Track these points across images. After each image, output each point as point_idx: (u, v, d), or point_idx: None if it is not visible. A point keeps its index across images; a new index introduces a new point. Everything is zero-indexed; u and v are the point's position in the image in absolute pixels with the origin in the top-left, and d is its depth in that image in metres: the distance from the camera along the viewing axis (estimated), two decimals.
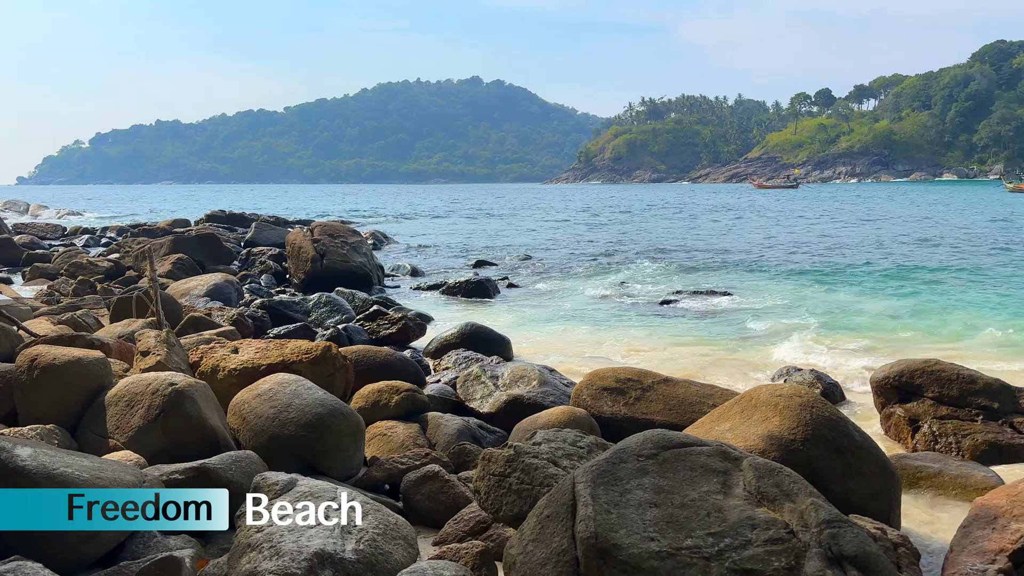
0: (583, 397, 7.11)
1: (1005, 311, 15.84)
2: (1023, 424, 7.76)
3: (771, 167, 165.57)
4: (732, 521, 2.71)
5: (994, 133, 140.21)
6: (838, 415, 5.49)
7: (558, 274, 22.50)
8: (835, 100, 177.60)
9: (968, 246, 29.61)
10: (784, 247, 30.12)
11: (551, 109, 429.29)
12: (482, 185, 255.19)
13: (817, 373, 9.96)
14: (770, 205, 68.26)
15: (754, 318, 15.31)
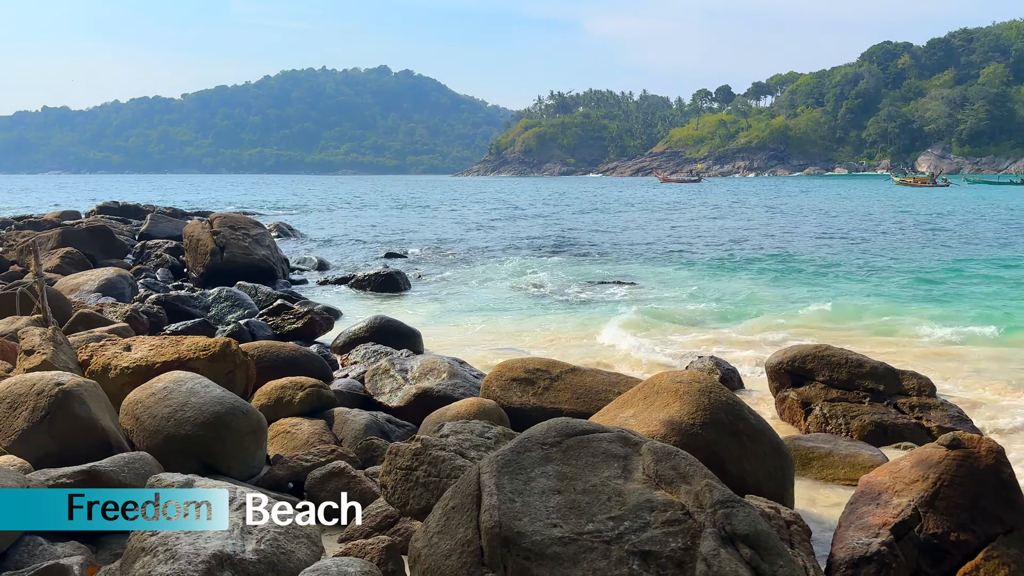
0: (492, 388, 7.14)
1: (890, 298, 16.81)
2: (906, 405, 8.25)
3: (675, 161, 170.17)
4: (632, 504, 2.78)
5: (881, 130, 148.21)
6: (734, 400, 5.70)
7: (470, 266, 22.49)
8: (735, 97, 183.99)
9: (862, 237, 31.24)
10: (689, 239, 31.02)
11: (461, 101, 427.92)
12: (392, 176, 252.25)
13: (716, 360, 10.31)
14: (675, 198, 70.18)
15: (659, 307, 15.72)
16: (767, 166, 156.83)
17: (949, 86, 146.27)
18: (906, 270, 21.12)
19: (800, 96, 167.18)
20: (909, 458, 4.91)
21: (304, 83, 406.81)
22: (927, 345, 12.28)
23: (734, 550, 2.64)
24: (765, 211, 48.94)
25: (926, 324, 13.63)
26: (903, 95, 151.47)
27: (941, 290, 17.91)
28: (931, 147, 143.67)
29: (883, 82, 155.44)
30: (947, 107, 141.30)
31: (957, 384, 10.10)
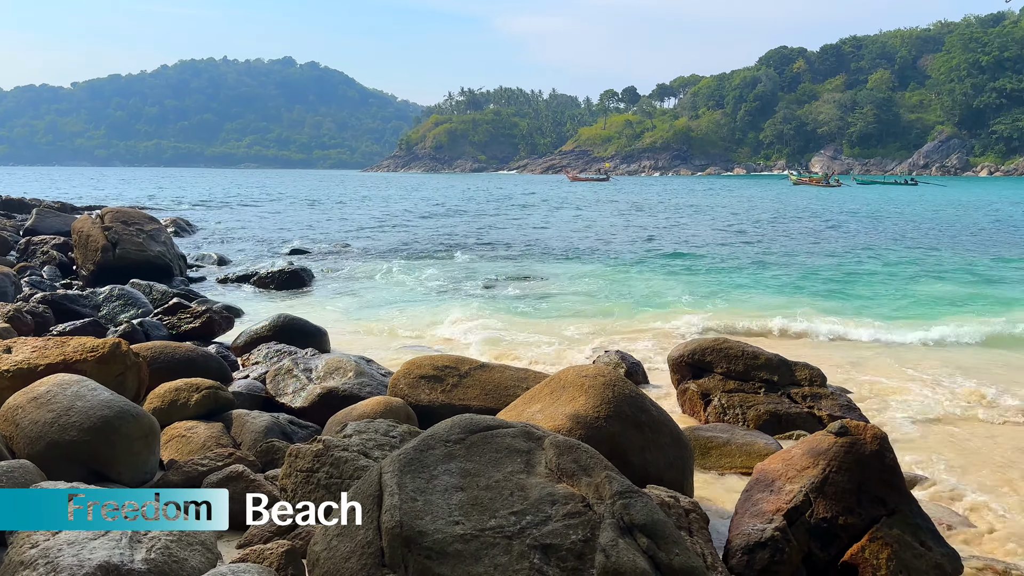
0: (400, 386, 7.05)
1: (789, 292, 17.56)
2: (798, 395, 8.63)
3: (584, 160, 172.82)
4: (534, 499, 2.79)
5: (778, 131, 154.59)
6: (637, 393, 5.82)
7: (379, 263, 22.18)
8: (640, 98, 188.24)
9: (764, 234, 32.51)
10: (598, 236, 31.54)
11: (370, 95, 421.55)
12: (298, 171, 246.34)
13: (622, 354, 10.52)
14: (585, 196, 71.22)
15: (569, 302, 15.93)
16: (671, 166, 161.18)
17: (840, 90, 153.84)
18: (804, 265, 22.11)
19: (702, 98, 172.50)
20: (800, 446, 5.13)
21: (204, 73, 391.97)
22: (819, 337, 12.89)
23: (632, 540, 2.69)
24: (674, 209, 50.25)
25: (819, 317, 14.31)
26: (798, 98, 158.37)
27: (836, 286, 18.82)
28: (824, 148, 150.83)
29: (779, 85, 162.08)
30: (838, 110, 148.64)
31: (846, 374, 10.65)
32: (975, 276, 20.15)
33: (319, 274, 18.92)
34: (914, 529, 4.75)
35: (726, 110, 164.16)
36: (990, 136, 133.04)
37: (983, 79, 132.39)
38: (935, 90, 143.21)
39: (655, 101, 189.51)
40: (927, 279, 19.62)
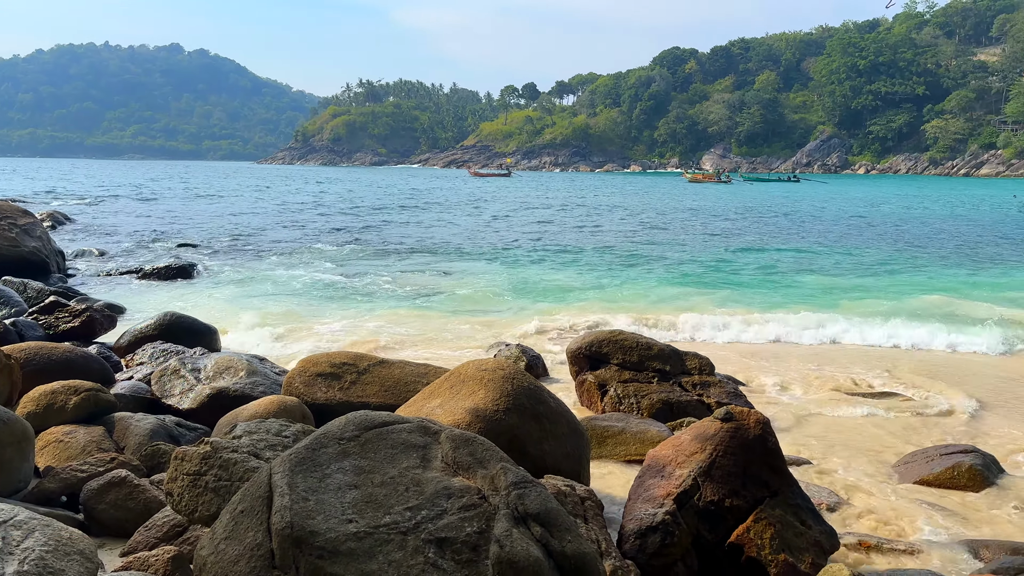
0: (296, 385, 6.89)
1: (686, 285, 18.17)
2: (689, 383, 8.96)
3: (485, 155, 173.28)
4: (429, 493, 2.79)
5: (671, 130, 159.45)
6: (536, 385, 5.89)
7: (273, 258, 21.57)
8: (540, 94, 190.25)
9: (664, 227, 33.47)
10: (501, 232, 31.69)
11: (263, 84, 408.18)
12: (187, 162, 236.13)
13: (522, 347, 10.64)
14: (487, 192, 71.38)
15: (471, 298, 15.96)
16: (570, 162, 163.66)
17: (729, 91, 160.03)
18: (698, 260, 22.91)
19: (599, 96, 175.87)
20: (689, 432, 5.33)
21: (84, 59, 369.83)
22: (709, 328, 13.39)
23: (526, 529, 2.73)
24: (577, 206, 50.98)
25: (711, 308, 14.88)
26: (690, 98, 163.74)
27: (728, 278, 19.58)
28: (714, 147, 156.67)
29: (673, 85, 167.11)
30: (727, 110, 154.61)
31: (735, 363, 11.13)
32: (856, 269, 21.40)
33: (209, 269, 18.23)
34: (795, 509, 5.01)
35: (622, 108, 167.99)
36: (867, 136, 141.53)
37: (860, 82, 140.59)
38: (817, 92, 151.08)
39: (554, 98, 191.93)
40: (811, 273, 20.70)
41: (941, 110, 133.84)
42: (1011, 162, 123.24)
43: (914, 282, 18.97)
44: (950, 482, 6.61)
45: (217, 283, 16.98)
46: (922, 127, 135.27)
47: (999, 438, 8.13)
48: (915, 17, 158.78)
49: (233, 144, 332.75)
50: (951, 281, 19.12)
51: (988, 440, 7.95)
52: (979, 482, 6.60)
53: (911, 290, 17.68)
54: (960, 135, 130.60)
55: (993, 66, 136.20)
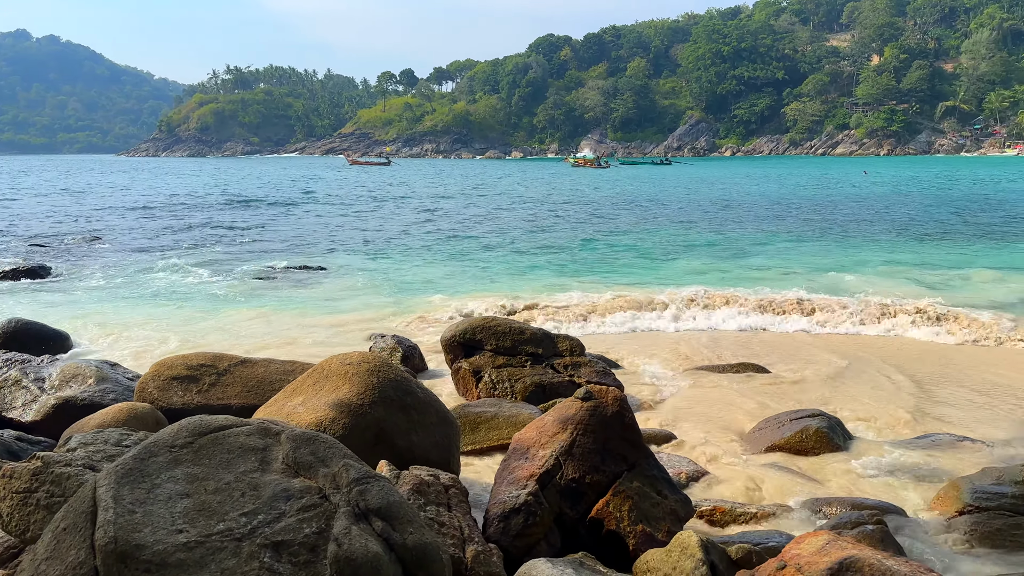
0: (149, 390, 6.56)
1: (560, 270, 18.50)
2: (561, 365, 9.13)
3: (365, 143, 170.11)
4: (267, 496, 2.72)
5: (549, 116, 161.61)
6: (403, 376, 5.85)
7: (134, 257, 20.43)
8: (418, 80, 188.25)
9: (550, 213, 33.89)
10: (379, 223, 31.23)
11: (122, 72, 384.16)
12: (40, 156, 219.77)
13: (398, 338, 10.54)
14: (366, 181, 70.10)
15: (343, 290, 15.67)
16: (452, 149, 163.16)
17: (603, 78, 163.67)
18: (577, 244, 23.37)
19: (478, 83, 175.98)
20: (552, 413, 5.44)
21: None
22: (582, 309, 13.71)
23: (367, 525, 2.71)
24: (462, 197, 50.78)
25: (587, 291, 15.23)
26: (566, 85, 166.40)
27: (602, 263, 20.08)
28: (591, 132, 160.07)
29: (549, 72, 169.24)
30: (602, 97, 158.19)
31: (608, 343, 11.45)
32: (723, 250, 22.42)
33: (62, 271, 17.06)
34: (652, 480, 5.22)
35: (501, 95, 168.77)
36: (732, 120, 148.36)
37: (724, 67, 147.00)
38: (685, 78, 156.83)
39: (433, 84, 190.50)
40: (684, 254, 21.53)
41: (799, 93, 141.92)
42: (863, 141, 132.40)
43: (782, 263, 20.07)
44: (799, 445, 7.05)
45: (72, 285, 15.91)
46: (782, 110, 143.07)
47: (844, 403, 8.75)
48: (773, 4, 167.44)
49: (91, 136, 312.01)
50: (822, 261, 20.35)
51: (834, 405, 8.53)
52: (825, 444, 7.07)
53: (777, 270, 18.71)
54: (817, 117, 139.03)
55: (844, 51, 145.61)
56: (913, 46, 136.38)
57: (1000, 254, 20.55)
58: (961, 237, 24.30)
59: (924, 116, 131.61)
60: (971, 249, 21.59)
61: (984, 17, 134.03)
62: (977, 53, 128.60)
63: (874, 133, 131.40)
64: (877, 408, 8.55)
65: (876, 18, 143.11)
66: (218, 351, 7.55)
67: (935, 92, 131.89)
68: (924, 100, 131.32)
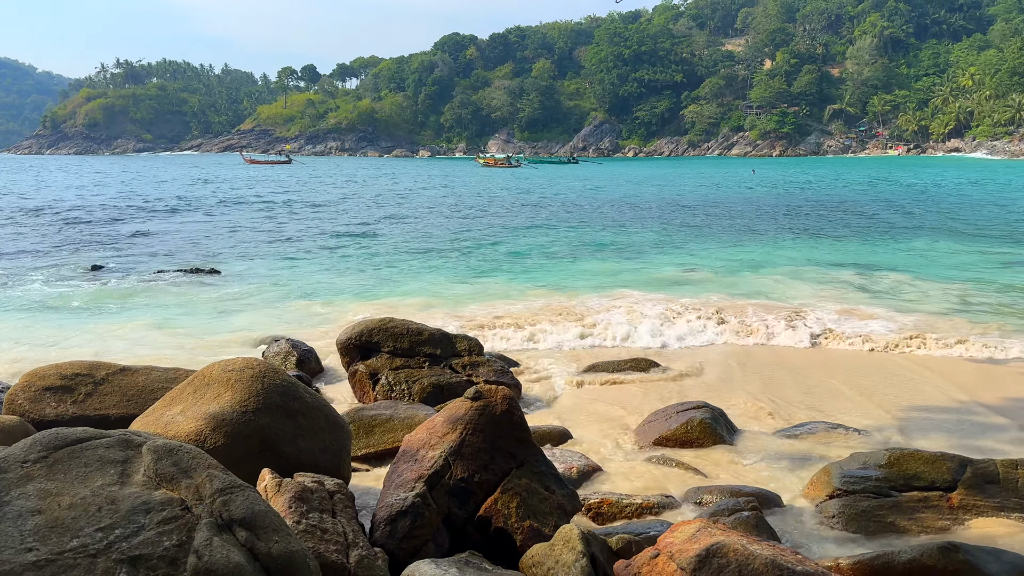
0: (19, 402, 6.22)
1: (459, 273, 18.52)
2: (459, 365, 9.17)
3: (265, 140, 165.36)
4: (125, 510, 2.63)
5: (456, 115, 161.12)
6: (290, 381, 5.74)
7: (7, 261, 19.24)
8: (321, 77, 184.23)
9: (453, 214, 33.76)
10: (276, 226, 30.45)
11: (1, 64, 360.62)
12: None
13: (292, 342, 10.33)
14: (264, 180, 68.14)
15: (237, 294, 15.22)
16: (358, 147, 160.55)
17: (509, 78, 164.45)
18: (480, 245, 23.43)
19: (383, 80, 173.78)
20: (443, 414, 5.46)
21: None
22: (479, 310, 13.80)
23: (230, 535, 2.67)
24: (370, 197, 50.04)
25: (496, 293, 15.32)
26: (472, 84, 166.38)
27: (508, 263, 20.22)
28: (498, 132, 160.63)
29: (455, 71, 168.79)
30: (508, 96, 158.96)
31: (509, 340, 11.55)
32: (622, 250, 22.95)
33: None
34: (540, 476, 5.32)
35: (407, 93, 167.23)
36: (634, 121, 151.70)
37: (626, 70, 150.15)
38: (588, 79, 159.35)
39: (337, 81, 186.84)
40: (591, 257, 21.91)
41: (697, 96, 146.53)
42: (757, 142, 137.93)
43: (679, 259, 20.70)
44: (685, 437, 7.32)
45: None
46: (681, 112, 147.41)
47: (730, 395, 9.14)
48: (672, 9, 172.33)
49: None
50: (718, 259, 21.08)
51: (721, 397, 8.89)
52: (709, 435, 7.37)
53: (670, 264, 19.30)
54: (713, 119, 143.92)
55: (739, 55, 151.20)
56: (803, 51, 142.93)
57: (881, 254, 21.84)
58: (850, 236, 25.69)
59: (813, 118, 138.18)
60: (858, 246, 22.87)
61: (867, 25, 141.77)
62: (861, 59, 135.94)
63: (767, 135, 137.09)
64: (760, 400, 8.96)
65: (768, 24, 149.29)
66: (92, 360, 7.21)
67: (823, 95, 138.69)
68: (813, 103, 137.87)
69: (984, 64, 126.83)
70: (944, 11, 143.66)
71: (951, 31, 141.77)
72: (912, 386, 9.39)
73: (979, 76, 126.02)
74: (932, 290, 15.38)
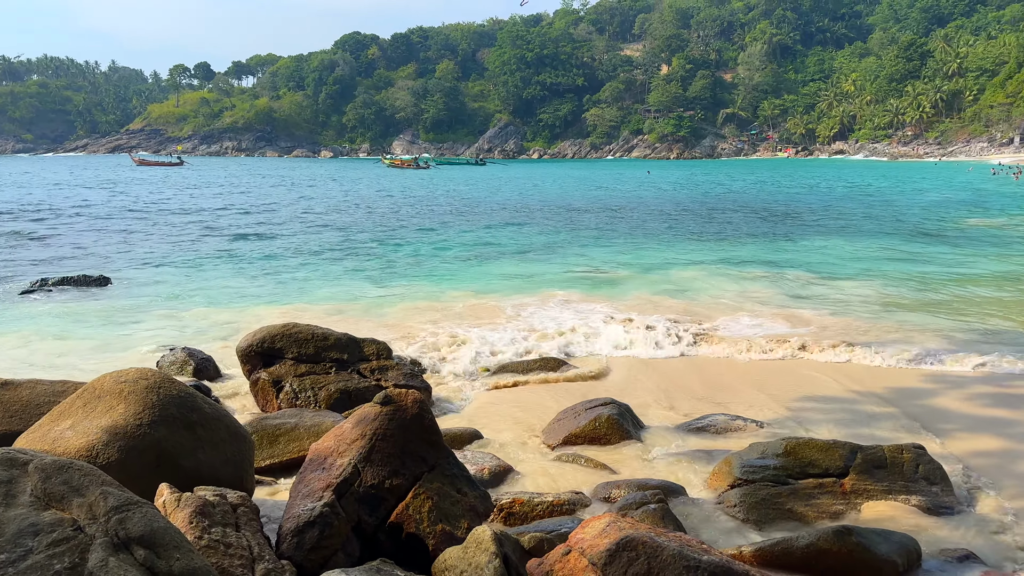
0: None
1: (356, 277, 18.22)
2: (367, 369, 9.01)
3: (156, 140, 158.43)
4: (11, 534, 2.46)
5: (359, 116, 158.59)
6: (187, 392, 5.51)
7: None
8: (215, 75, 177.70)
9: (348, 218, 33.14)
10: (166, 231, 29.20)
11: None
12: None
13: (189, 350, 9.93)
14: (154, 182, 65.27)
15: (128, 303, 14.52)
16: (256, 147, 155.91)
17: (412, 78, 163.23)
18: (390, 247, 23.14)
19: (281, 79, 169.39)
20: (351, 420, 5.35)
21: None
22: (389, 314, 13.65)
23: (127, 554, 2.53)
24: (275, 200, 48.63)
25: (385, 297, 15.14)
26: (375, 84, 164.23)
27: (412, 268, 20.04)
28: (403, 133, 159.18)
29: (357, 70, 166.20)
30: (413, 97, 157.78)
31: (419, 345, 11.44)
32: (531, 251, 23.13)
33: None
34: (452, 479, 5.29)
35: (307, 92, 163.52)
36: (538, 123, 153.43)
37: (529, 73, 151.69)
38: (492, 81, 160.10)
39: (232, 79, 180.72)
40: (502, 258, 21.97)
41: (598, 100, 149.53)
42: (655, 145, 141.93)
43: (580, 259, 21.03)
44: (593, 433, 7.43)
45: None
46: (583, 115, 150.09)
47: (636, 391, 9.35)
48: (572, 13, 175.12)
49: None
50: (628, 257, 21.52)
51: (628, 393, 9.08)
52: (616, 431, 7.51)
53: (577, 265, 19.59)
54: (614, 122, 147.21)
55: (637, 60, 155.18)
56: (697, 57, 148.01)
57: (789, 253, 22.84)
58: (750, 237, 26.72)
59: (708, 122, 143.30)
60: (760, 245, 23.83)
61: (757, 32, 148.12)
62: (752, 65, 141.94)
63: (665, 138, 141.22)
64: (665, 395, 9.21)
65: (664, 30, 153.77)
66: None
67: (717, 100, 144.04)
68: (708, 107, 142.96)
69: (865, 70, 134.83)
70: (828, 20, 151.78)
71: (834, 39, 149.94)
72: (807, 380, 9.85)
73: (860, 82, 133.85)
74: (824, 288, 16.20)
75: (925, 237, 25.16)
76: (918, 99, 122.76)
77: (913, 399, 8.93)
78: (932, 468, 6.27)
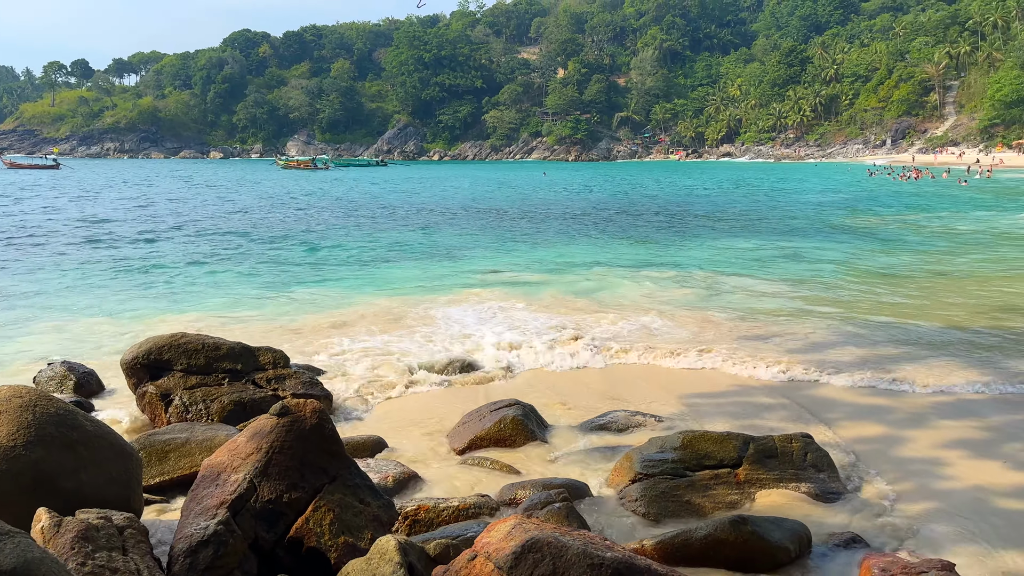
0: None
1: (261, 283, 17.64)
2: (263, 379, 8.69)
3: (30, 141, 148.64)
4: None
5: (251, 115, 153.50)
6: (67, 409, 5.17)
7: None
8: (95, 72, 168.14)
9: (259, 220, 31.98)
10: (45, 239, 27.47)
11: None
12: None
13: (69, 364, 9.35)
14: (25, 185, 61.26)
15: (11, 315, 13.56)
16: (140, 148, 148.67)
17: (307, 77, 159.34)
18: (286, 252, 22.46)
19: (167, 77, 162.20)
20: (245, 433, 5.14)
21: None
22: (289, 320, 13.26)
23: None
24: (162, 204, 46.39)
25: (283, 304, 14.72)
26: (267, 83, 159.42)
27: (320, 271, 19.54)
28: (298, 133, 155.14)
29: (247, 69, 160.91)
30: (307, 96, 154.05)
31: (318, 351, 11.15)
32: (437, 253, 22.97)
33: None
34: (354, 489, 5.16)
35: (195, 91, 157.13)
36: (438, 125, 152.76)
37: (427, 74, 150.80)
38: (390, 82, 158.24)
39: (113, 78, 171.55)
40: (406, 261, 21.68)
41: (497, 102, 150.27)
42: (553, 147, 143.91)
43: (483, 265, 21.03)
44: (498, 435, 7.43)
45: None
46: (483, 117, 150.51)
47: (541, 392, 9.42)
48: (468, 15, 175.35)
49: None
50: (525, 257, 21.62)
51: (529, 395, 9.13)
52: (521, 431, 7.53)
53: (483, 266, 19.60)
54: (513, 124, 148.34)
55: (534, 63, 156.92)
56: (592, 61, 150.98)
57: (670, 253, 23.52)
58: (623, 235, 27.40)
59: (604, 125, 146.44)
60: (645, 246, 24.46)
61: (648, 37, 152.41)
62: (644, 69, 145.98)
63: (563, 140, 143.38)
64: (567, 394, 9.32)
65: (559, 34, 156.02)
66: None
67: (612, 104, 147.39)
68: (603, 111, 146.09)
69: (749, 76, 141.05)
70: (715, 26, 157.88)
71: (721, 45, 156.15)
72: (704, 376, 10.17)
73: (745, 86, 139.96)
74: (725, 287, 16.81)
75: (816, 235, 26.50)
76: (799, 103, 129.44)
77: (803, 390, 9.37)
78: (819, 456, 6.58)
